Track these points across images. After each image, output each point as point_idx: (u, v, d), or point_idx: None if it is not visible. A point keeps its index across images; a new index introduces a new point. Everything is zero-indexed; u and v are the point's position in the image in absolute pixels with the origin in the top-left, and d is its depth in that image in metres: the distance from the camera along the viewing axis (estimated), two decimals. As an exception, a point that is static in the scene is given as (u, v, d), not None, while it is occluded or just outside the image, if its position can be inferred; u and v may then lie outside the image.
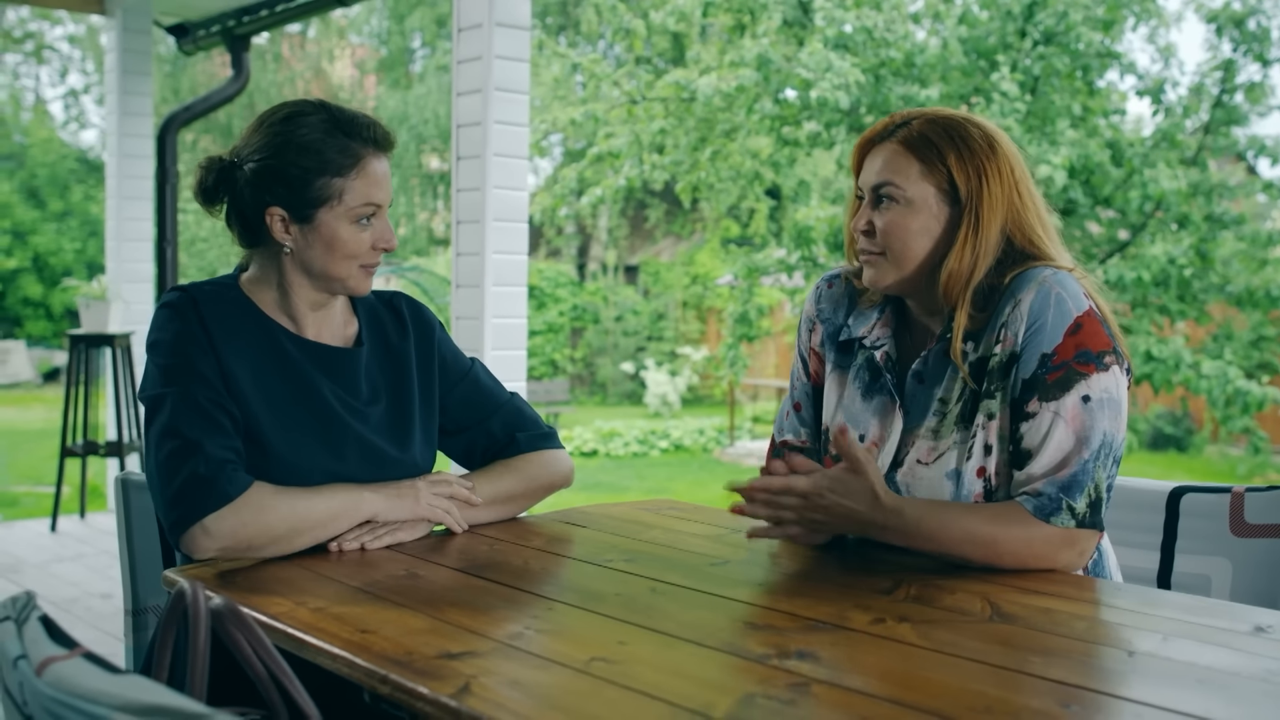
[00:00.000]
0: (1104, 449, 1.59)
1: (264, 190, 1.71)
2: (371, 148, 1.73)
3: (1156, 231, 8.36)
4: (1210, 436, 12.69)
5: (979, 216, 1.67)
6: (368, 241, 1.75)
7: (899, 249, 1.69)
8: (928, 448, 1.69)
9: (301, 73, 22.81)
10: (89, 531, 5.98)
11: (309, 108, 1.74)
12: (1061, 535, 1.58)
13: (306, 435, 1.71)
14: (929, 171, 1.68)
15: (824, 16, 8.08)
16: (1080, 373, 1.59)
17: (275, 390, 1.71)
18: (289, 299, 1.77)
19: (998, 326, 1.65)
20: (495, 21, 3.99)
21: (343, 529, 1.68)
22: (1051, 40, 7.99)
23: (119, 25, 6.39)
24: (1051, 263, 1.68)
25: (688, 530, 1.86)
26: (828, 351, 1.88)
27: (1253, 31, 8.08)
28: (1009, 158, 1.70)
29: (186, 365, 1.66)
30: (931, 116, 1.72)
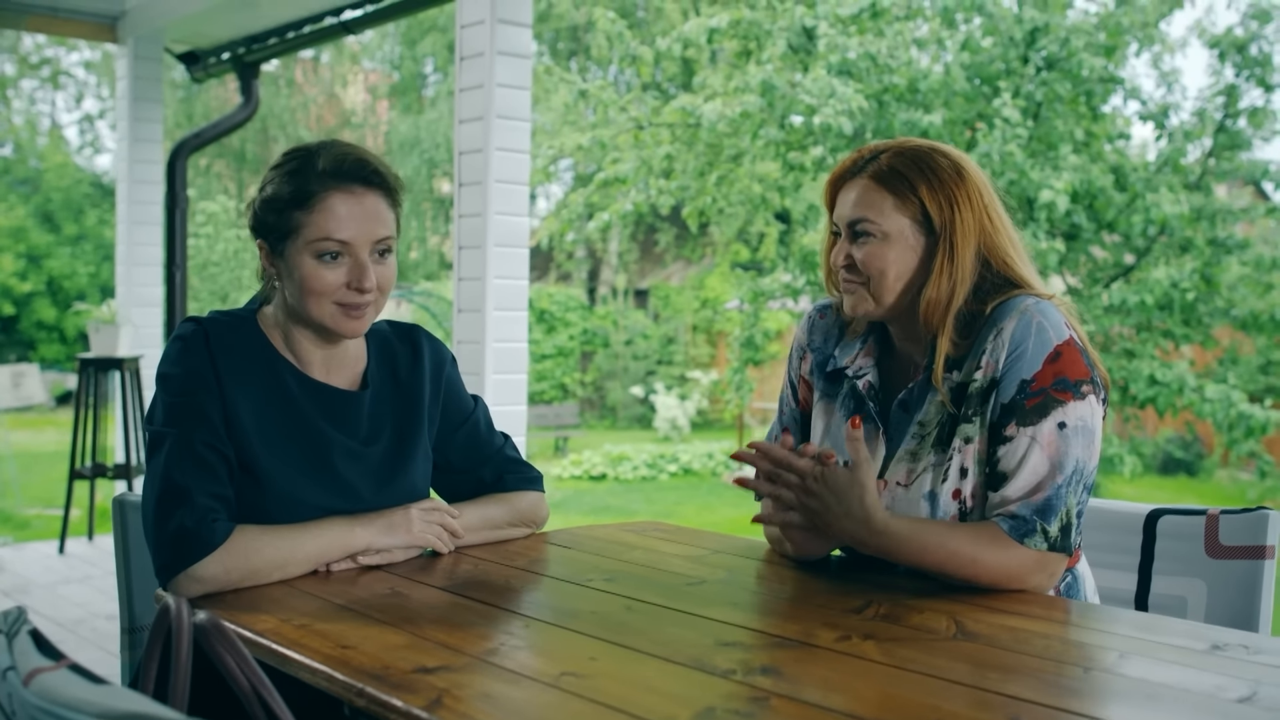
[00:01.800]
0: (1076, 475, 1.64)
1: (257, 223, 1.78)
2: (339, 183, 1.72)
3: (1160, 256, 8.39)
4: (1221, 461, 12.68)
5: (953, 244, 1.72)
6: (337, 280, 1.73)
7: (879, 280, 1.74)
8: (906, 470, 1.74)
9: (314, 97, 23.00)
10: (96, 553, 6.04)
11: (313, 147, 1.79)
12: (1035, 558, 1.63)
13: (302, 472, 1.76)
14: (902, 204, 1.73)
15: (827, 43, 8.15)
16: (1058, 400, 1.64)
17: (275, 427, 1.76)
18: (293, 337, 1.82)
19: (979, 353, 1.69)
20: (497, 50, 4.06)
21: (334, 560, 1.73)
22: (1054, 66, 8.04)
23: (131, 53, 6.49)
24: (1030, 289, 1.73)
25: (668, 551, 1.90)
26: (816, 380, 1.93)
27: (1255, 57, 8.12)
28: (977, 184, 1.75)
29: (190, 405, 1.70)
30: (898, 149, 1.77)
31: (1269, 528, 1.89)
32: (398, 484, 1.85)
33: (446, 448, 1.96)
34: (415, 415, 1.90)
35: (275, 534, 1.69)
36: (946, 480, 1.70)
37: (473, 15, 4.11)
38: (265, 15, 6.18)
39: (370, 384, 1.88)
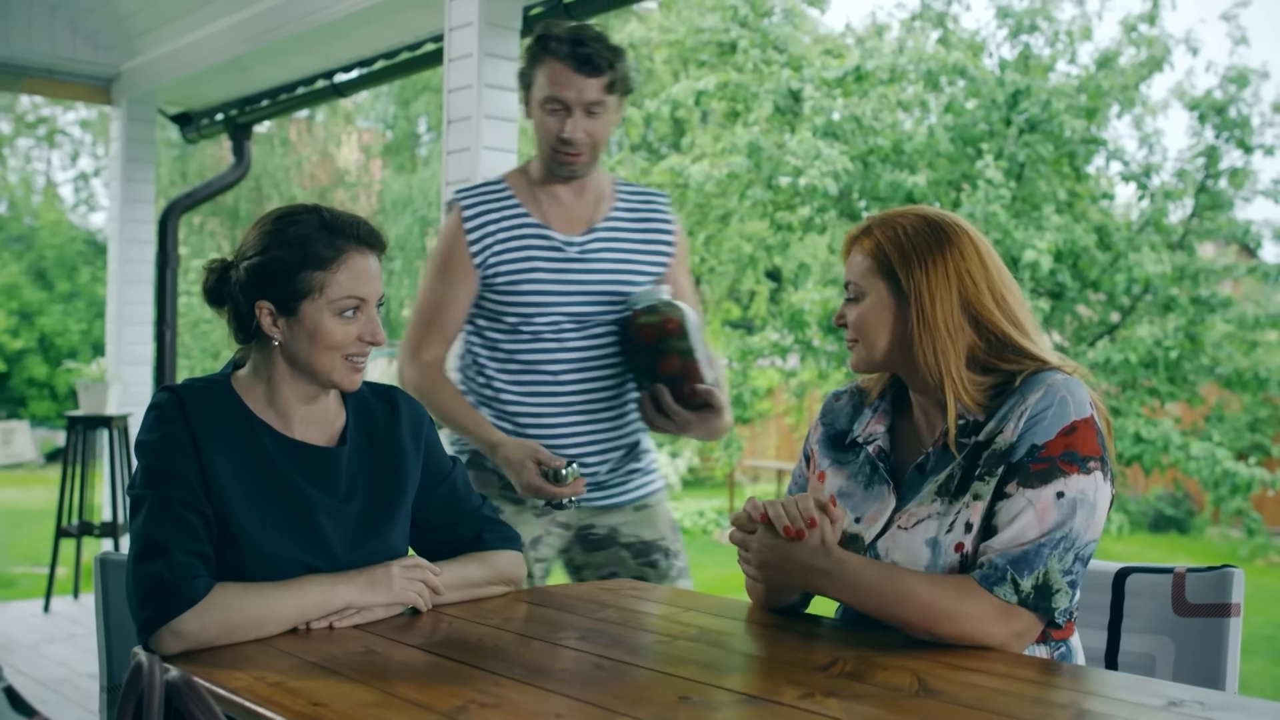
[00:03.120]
0: (1065, 541, 1.66)
1: (254, 285, 1.82)
2: (354, 244, 1.84)
3: (1144, 314, 8.47)
4: (1211, 518, 12.70)
5: (923, 309, 1.78)
6: (353, 334, 1.83)
7: (864, 338, 1.85)
8: (909, 515, 1.79)
9: (308, 156, 23.17)
10: (81, 612, 6.02)
11: (302, 210, 1.87)
12: (998, 607, 1.65)
13: (282, 531, 1.80)
14: (878, 269, 1.82)
15: (813, 106, 8.27)
16: (1062, 470, 1.68)
17: (254, 488, 1.80)
18: (278, 394, 1.86)
19: (1003, 420, 1.74)
20: (484, 114, 4.13)
21: (314, 618, 1.76)
22: (1036, 128, 8.16)
23: (124, 114, 6.57)
24: (1034, 356, 1.78)
25: (642, 610, 1.93)
26: (825, 450, 1.99)
27: (1234, 119, 8.25)
28: (961, 248, 1.80)
29: (167, 469, 1.75)
30: (888, 218, 1.86)
31: (1233, 586, 1.92)
32: (375, 541, 1.88)
33: (426, 506, 1.99)
34: (394, 473, 1.94)
35: (255, 591, 1.72)
36: (951, 531, 1.74)
37: (460, 80, 4.18)
38: (258, 78, 6.28)
39: (349, 440, 1.91)
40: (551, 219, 2.59)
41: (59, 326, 20.28)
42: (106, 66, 6.51)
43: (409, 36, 5.40)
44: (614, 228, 2.63)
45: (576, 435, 2.59)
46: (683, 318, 2.50)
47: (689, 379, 2.47)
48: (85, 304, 20.85)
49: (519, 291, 2.54)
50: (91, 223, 24.35)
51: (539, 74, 2.50)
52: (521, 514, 2.57)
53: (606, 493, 2.64)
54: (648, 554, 2.65)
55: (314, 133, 23.56)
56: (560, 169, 2.55)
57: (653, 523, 2.68)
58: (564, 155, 2.52)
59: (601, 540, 2.65)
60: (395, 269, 21.92)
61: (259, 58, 5.77)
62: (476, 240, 2.56)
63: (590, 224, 2.61)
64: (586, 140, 2.51)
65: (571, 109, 2.47)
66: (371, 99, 23.55)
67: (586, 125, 2.49)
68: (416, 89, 22.51)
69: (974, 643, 1.65)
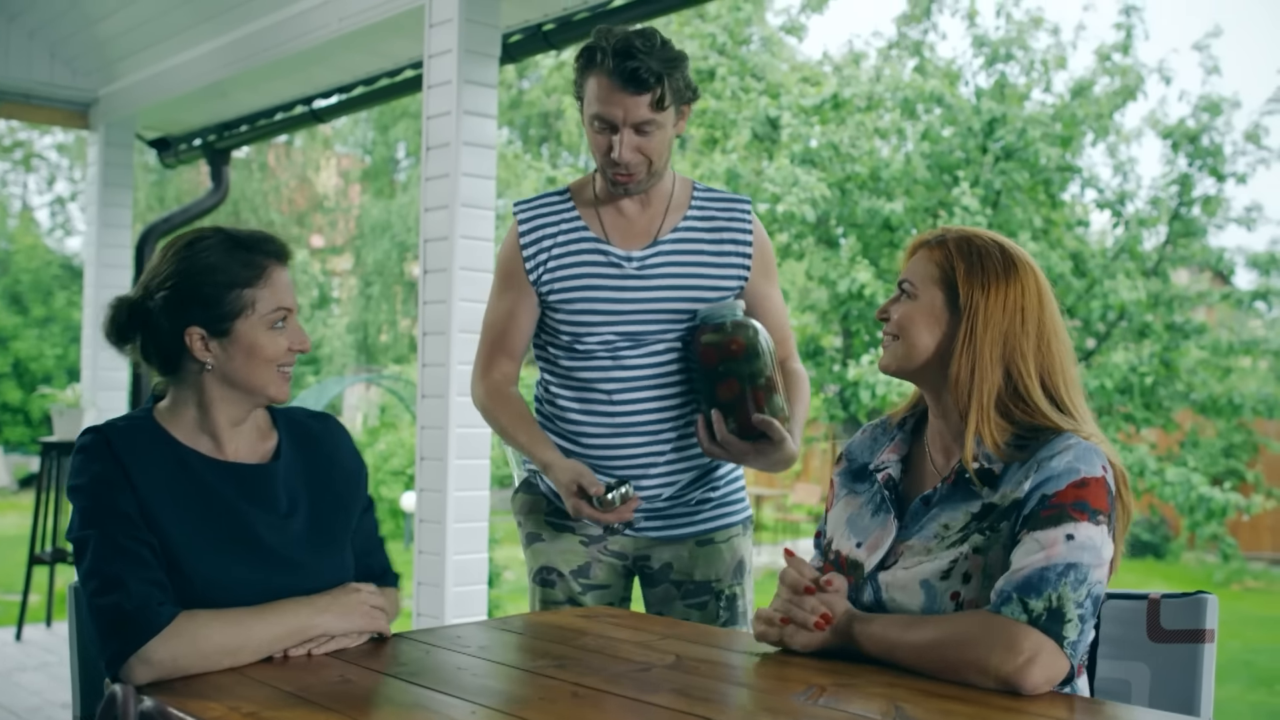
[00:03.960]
0: (1074, 572, 1.63)
1: (180, 313, 1.82)
2: (273, 258, 1.87)
3: (1119, 340, 8.54)
4: (1187, 543, 12.76)
5: (973, 327, 1.79)
6: (284, 345, 1.86)
7: (904, 336, 1.85)
8: (914, 557, 1.79)
9: (286, 181, 23.15)
10: (54, 640, 5.96)
11: (208, 232, 1.88)
12: (1002, 624, 1.61)
13: (228, 555, 1.79)
14: (941, 278, 1.84)
15: (791, 133, 8.32)
16: (1072, 517, 1.67)
17: (194, 516, 1.79)
18: (210, 417, 1.86)
19: (1016, 478, 1.74)
20: (463, 141, 4.14)
21: (289, 646, 1.75)
22: (1012, 156, 8.23)
23: (102, 139, 6.56)
24: (1072, 424, 1.77)
25: (619, 637, 1.92)
26: (843, 480, 2.01)
27: (1206, 147, 8.36)
28: (1025, 285, 1.81)
29: (105, 506, 1.74)
30: (967, 235, 1.87)
31: (1207, 612, 1.93)
32: (326, 556, 1.89)
33: (356, 530, 2.00)
34: (336, 489, 1.95)
35: (227, 618, 1.70)
36: (948, 579, 1.74)
37: (439, 106, 4.20)
38: (236, 103, 6.28)
39: (282, 456, 1.92)
40: (612, 233, 2.44)
41: (34, 351, 20.15)
42: (85, 91, 6.50)
43: (388, 63, 5.41)
44: (684, 239, 2.45)
45: (636, 457, 2.43)
46: (750, 339, 2.32)
47: (749, 407, 2.31)
48: (61, 329, 20.74)
49: (572, 309, 2.41)
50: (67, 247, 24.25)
51: (586, 87, 2.33)
52: (566, 541, 2.47)
53: (666, 523, 2.48)
54: (698, 595, 2.47)
55: (292, 158, 23.54)
56: (614, 187, 2.39)
57: (712, 561, 2.48)
58: (616, 174, 2.36)
59: (654, 575, 2.50)
60: (374, 294, 21.90)
61: (238, 83, 5.78)
62: (532, 255, 2.44)
63: (655, 237, 2.44)
64: (638, 159, 2.33)
65: (619, 128, 2.30)
66: (350, 124, 23.56)
67: (637, 143, 2.31)
68: (395, 114, 22.55)
69: (998, 674, 1.58)
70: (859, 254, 8.21)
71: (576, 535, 2.47)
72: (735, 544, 2.51)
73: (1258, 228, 9.34)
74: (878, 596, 1.80)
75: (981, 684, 1.59)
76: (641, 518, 2.45)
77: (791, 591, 1.78)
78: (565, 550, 2.47)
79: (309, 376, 19.15)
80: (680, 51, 2.32)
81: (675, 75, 2.30)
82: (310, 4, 4.93)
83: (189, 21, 5.58)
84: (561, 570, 2.46)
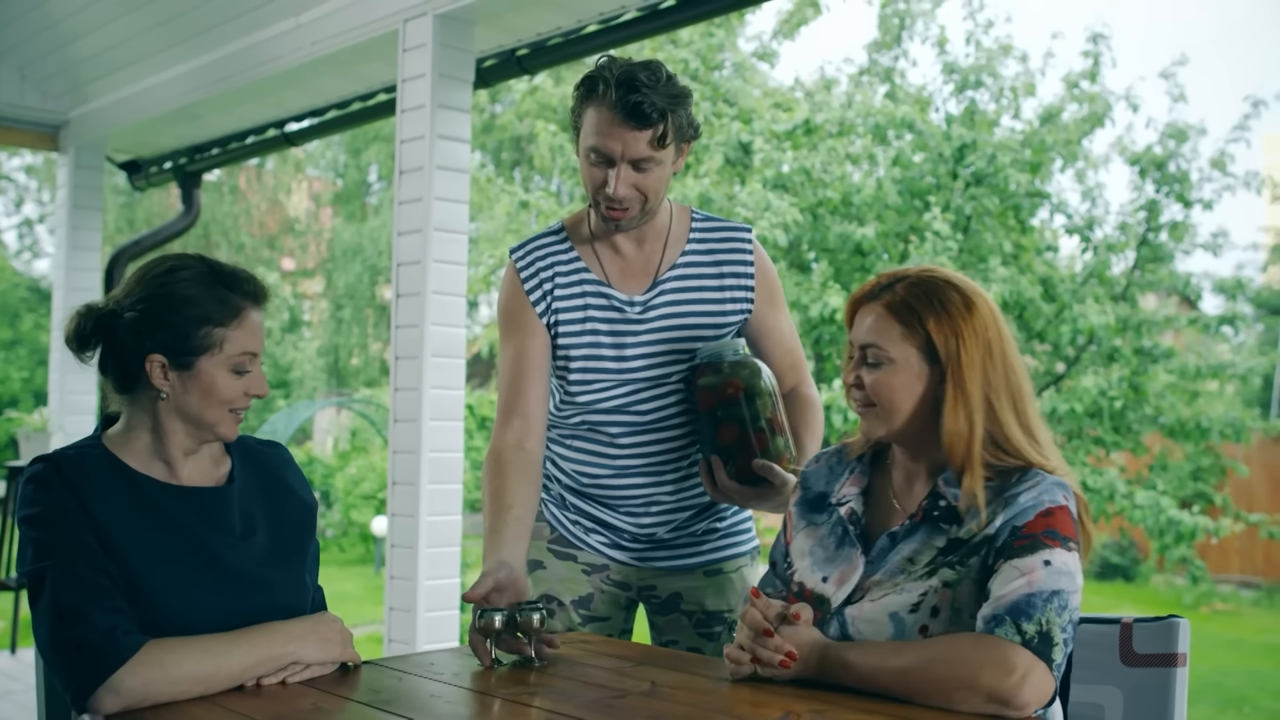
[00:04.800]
0: (1057, 598, 1.64)
1: (145, 337, 1.80)
2: (250, 301, 1.85)
3: (1089, 365, 8.60)
4: (1156, 566, 12.83)
5: (960, 376, 1.77)
6: (241, 389, 1.84)
7: (886, 404, 1.82)
8: (881, 591, 1.78)
9: (257, 204, 23.06)
10: (19, 667, 5.88)
11: (190, 261, 1.86)
12: (995, 643, 1.60)
13: (189, 581, 1.76)
14: (909, 334, 1.80)
15: (763, 158, 8.36)
16: (1045, 544, 1.69)
17: (151, 543, 1.76)
18: (164, 444, 1.84)
19: (982, 513, 1.75)
20: (436, 165, 4.14)
21: (263, 674, 1.73)
22: (982, 181, 8.29)
23: (72, 162, 6.52)
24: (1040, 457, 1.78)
25: (592, 663, 1.91)
26: (803, 512, 1.98)
27: (1173, 174, 8.44)
28: (985, 319, 1.80)
29: (61, 536, 1.70)
30: (914, 279, 1.84)
31: (1179, 636, 1.95)
32: (287, 578, 1.88)
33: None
34: (293, 512, 1.94)
35: (198, 646, 1.67)
36: (916, 612, 1.74)
37: (412, 131, 4.20)
38: (208, 126, 6.26)
39: (236, 480, 1.91)
40: (612, 274, 2.35)
41: (0, 375, 19.95)
42: (54, 113, 6.47)
43: (362, 86, 5.41)
44: (685, 275, 2.36)
45: (636, 498, 2.39)
46: (748, 380, 2.24)
47: (749, 451, 2.23)
48: (28, 351, 20.54)
49: (575, 354, 2.34)
50: (35, 269, 24.03)
51: (585, 118, 2.23)
52: (569, 569, 2.42)
53: (672, 553, 2.42)
54: (709, 625, 2.42)
55: (263, 180, 23.46)
56: (607, 223, 2.29)
57: (722, 591, 2.43)
58: (608, 209, 2.26)
59: (663, 605, 2.44)
60: (345, 317, 21.80)
61: (210, 106, 5.76)
62: (538, 297, 2.34)
63: (655, 276, 2.35)
64: (633, 195, 2.23)
65: (615, 162, 2.20)
66: (322, 147, 23.51)
67: (634, 179, 2.21)
68: (367, 138, 22.52)
69: (991, 691, 1.58)
70: (831, 278, 8.24)
71: (579, 564, 2.43)
72: (745, 574, 2.46)
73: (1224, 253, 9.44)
74: (844, 631, 1.80)
75: (968, 704, 1.59)
76: (645, 549, 2.41)
77: (754, 632, 1.76)
78: (568, 579, 2.42)
79: (279, 400, 19.03)
80: (685, 88, 2.25)
81: (679, 112, 2.22)
82: (283, 28, 4.93)
83: (161, 44, 5.57)
84: (563, 599, 2.41)
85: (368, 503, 12.82)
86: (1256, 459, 11.71)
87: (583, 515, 2.44)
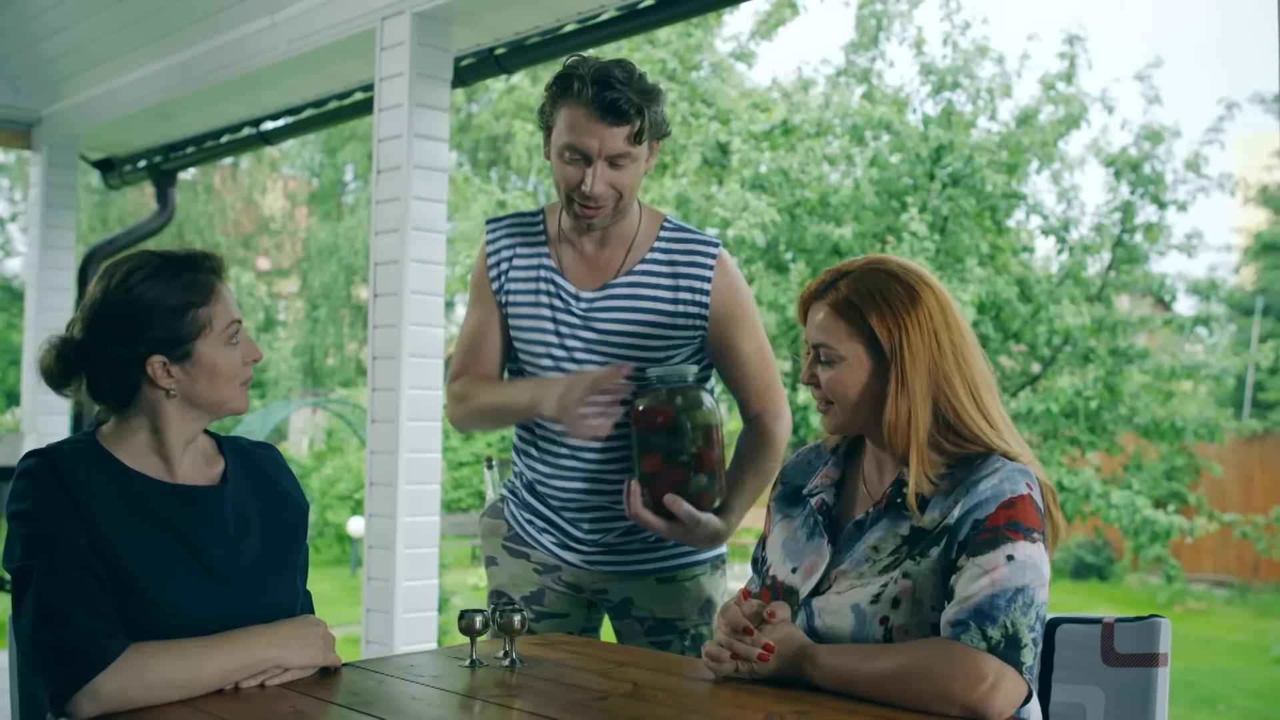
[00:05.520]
0: (1021, 596, 1.65)
1: (137, 344, 1.78)
2: (215, 275, 1.86)
3: (1064, 365, 8.64)
4: (1130, 565, 12.91)
5: (903, 369, 1.78)
6: (239, 358, 1.87)
7: (841, 399, 1.83)
8: (846, 581, 1.79)
9: (232, 204, 22.93)
10: (-8, 670, 5.81)
11: (141, 259, 1.84)
12: (963, 651, 1.61)
13: (182, 580, 1.75)
14: (854, 331, 1.81)
15: (741, 158, 8.37)
16: (1008, 537, 1.68)
17: (144, 541, 1.75)
18: (163, 439, 1.83)
19: (944, 503, 1.75)
20: (414, 164, 4.12)
21: (243, 678, 1.71)
22: (959, 182, 8.33)
23: (45, 160, 6.46)
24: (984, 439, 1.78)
25: (574, 665, 1.90)
26: (781, 506, 2.00)
27: (1148, 175, 8.49)
28: (930, 309, 1.80)
29: (50, 534, 1.68)
30: (858, 274, 1.84)
31: (1160, 636, 1.95)
32: (282, 573, 1.88)
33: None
34: (286, 514, 1.94)
35: (178, 650, 1.65)
36: (877, 603, 1.74)
37: (390, 129, 4.17)
38: (183, 125, 6.21)
39: (230, 480, 1.90)
40: (569, 267, 2.37)
41: (-29, 375, 19.77)
42: (27, 111, 6.40)
43: (338, 85, 5.37)
44: (638, 283, 2.34)
45: (575, 499, 2.38)
46: (680, 411, 2.15)
47: (665, 484, 2.17)
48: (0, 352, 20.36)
49: (521, 339, 2.38)
50: (7, 269, 23.83)
51: (559, 117, 2.23)
52: (519, 566, 2.44)
53: (621, 558, 2.40)
54: (661, 633, 2.40)
55: (238, 180, 23.34)
56: (578, 221, 2.29)
57: (675, 599, 2.40)
58: (582, 208, 2.26)
59: (615, 609, 2.44)
60: (321, 317, 21.71)
61: (185, 105, 5.71)
62: (496, 274, 2.41)
63: (609, 278, 2.35)
64: (609, 193, 2.23)
65: (592, 159, 2.21)
66: (297, 146, 23.41)
67: (610, 176, 2.22)
68: (343, 137, 22.44)
69: (963, 702, 1.59)
70: (808, 279, 8.25)
71: (531, 562, 2.44)
72: (701, 582, 2.42)
73: (1198, 254, 9.49)
74: (810, 622, 1.81)
75: (944, 712, 1.59)
76: (595, 552, 2.41)
77: (732, 630, 1.76)
78: (517, 576, 2.45)
79: (254, 401, 18.93)
80: (656, 85, 2.26)
81: (653, 108, 2.23)
82: (259, 26, 4.89)
83: (135, 42, 5.52)
84: (512, 596, 2.45)
85: (343, 503, 12.77)
86: (1229, 459, 11.80)
87: (535, 514, 2.45)
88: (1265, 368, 13.84)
